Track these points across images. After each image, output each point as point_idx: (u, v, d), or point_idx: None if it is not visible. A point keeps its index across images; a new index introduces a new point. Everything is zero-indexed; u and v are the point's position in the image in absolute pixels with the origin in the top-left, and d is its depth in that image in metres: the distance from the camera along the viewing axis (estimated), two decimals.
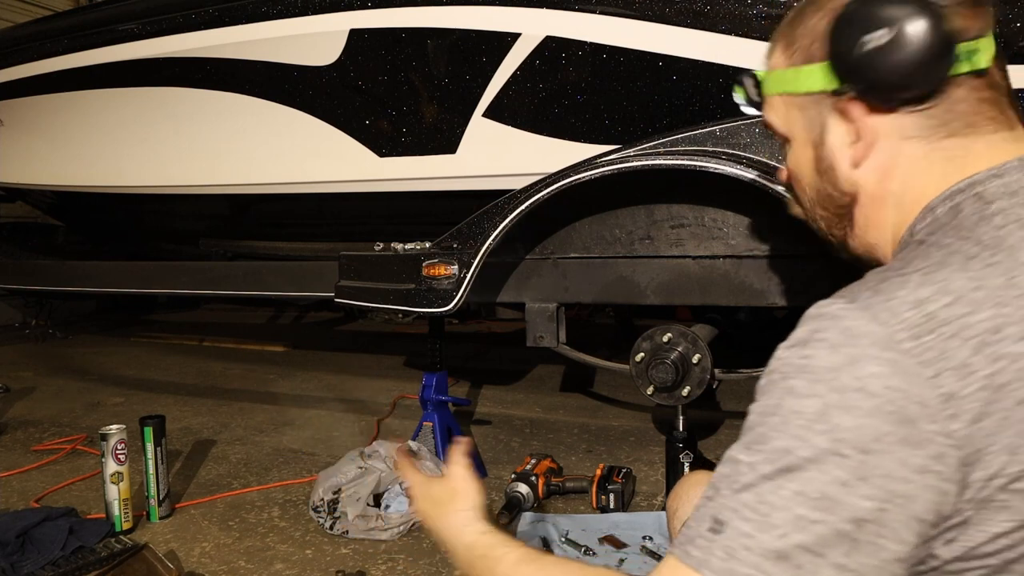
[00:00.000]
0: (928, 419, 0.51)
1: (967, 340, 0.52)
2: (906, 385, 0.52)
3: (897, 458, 0.51)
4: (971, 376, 0.51)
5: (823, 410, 0.53)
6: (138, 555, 1.47)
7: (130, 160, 2.42)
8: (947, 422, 0.51)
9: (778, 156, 1.36)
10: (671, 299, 1.67)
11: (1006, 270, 0.54)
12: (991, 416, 0.51)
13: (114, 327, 5.36)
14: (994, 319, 0.52)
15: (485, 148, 1.79)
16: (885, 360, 0.52)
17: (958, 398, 0.51)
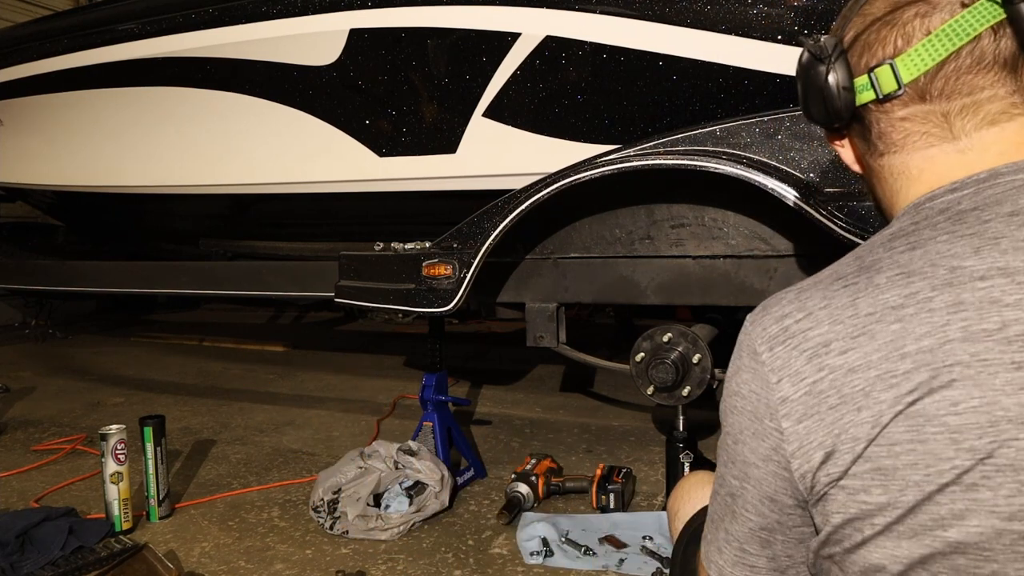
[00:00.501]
0: (769, 417, 0.61)
1: (804, 351, 0.60)
2: (760, 389, 0.62)
3: (750, 447, 0.64)
4: (801, 382, 0.60)
5: (723, 410, 0.68)
6: (138, 555, 1.47)
7: (130, 160, 2.42)
8: (781, 420, 0.61)
9: (778, 156, 1.36)
10: (671, 299, 1.67)
11: (855, 291, 0.60)
12: (810, 418, 0.59)
13: (114, 327, 5.36)
14: (826, 334, 0.60)
15: (485, 148, 1.79)
16: (749, 367, 0.64)
17: (789, 401, 0.60)
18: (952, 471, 0.54)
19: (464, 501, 1.94)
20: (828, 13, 1.37)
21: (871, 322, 0.58)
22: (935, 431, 0.55)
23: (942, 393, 0.55)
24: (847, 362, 0.58)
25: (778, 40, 1.42)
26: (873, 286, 0.60)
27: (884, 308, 0.58)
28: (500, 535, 1.73)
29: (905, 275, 0.59)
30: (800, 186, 1.32)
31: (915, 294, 0.58)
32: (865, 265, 0.62)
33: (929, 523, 0.56)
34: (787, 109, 1.39)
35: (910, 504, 0.56)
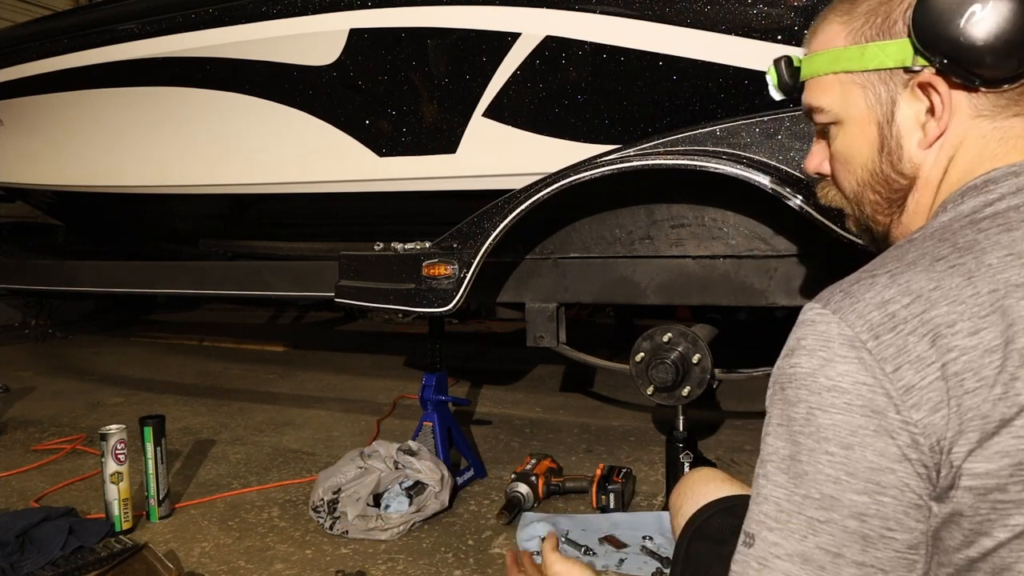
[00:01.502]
0: (894, 409, 0.54)
1: (923, 335, 0.54)
2: (872, 380, 0.55)
3: (875, 449, 0.54)
4: (927, 368, 0.54)
5: (808, 413, 0.57)
6: (138, 555, 1.47)
7: (130, 160, 2.42)
8: (910, 412, 0.54)
9: (778, 156, 1.36)
10: (671, 299, 1.67)
11: (967, 271, 0.56)
12: (946, 405, 0.53)
13: (114, 327, 5.36)
14: (948, 315, 0.54)
15: (485, 148, 1.79)
16: (852, 359, 0.56)
17: (917, 389, 0.54)
18: None
19: (464, 501, 1.94)
20: None
21: (999, 298, 0.54)
22: None
23: None
24: (981, 342, 0.53)
25: (778, 40, 1.42)
26: (986, 266, 0.56)
27: (1008, 286, 0.55)
28: (500, 535, 1.73)
29: (1016, 256, 0.56)
30: (800, 186, 1.31)
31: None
32: (963, 246, 0.58)
33: None
34: (787, 109, 1.38)
35: None
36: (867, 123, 0.73)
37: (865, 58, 0.70)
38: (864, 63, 0.71)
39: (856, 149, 0.75)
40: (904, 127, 0.70)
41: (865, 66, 0.71)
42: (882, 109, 0.71)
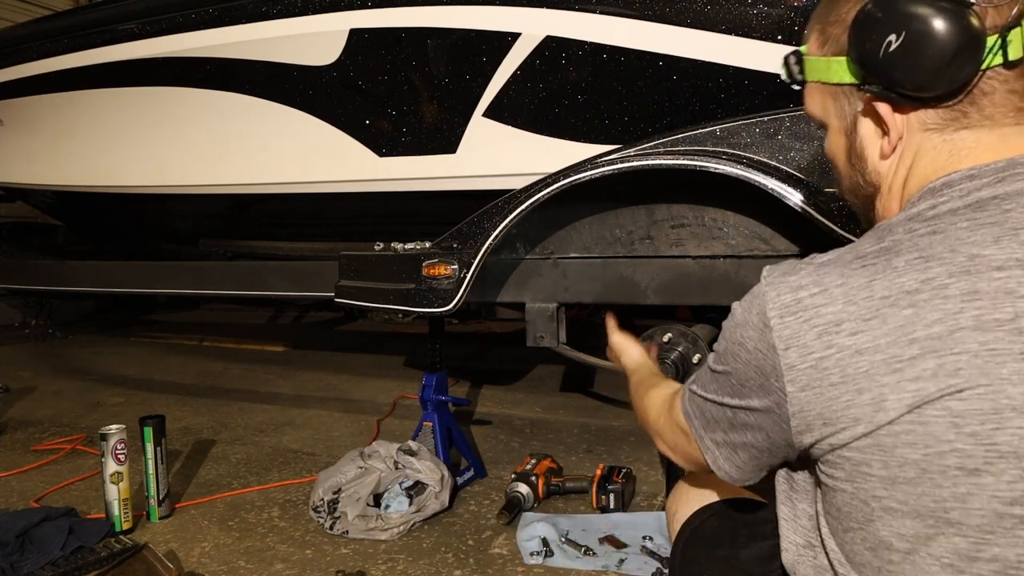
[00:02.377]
0: (775, 378, 0.64)
1: (815, 327, 0.62)
2: (767, 351, 0.65)
3: (756, 396, 0.68)
4: (808, 355, 0.62)
5: (725, 349, 0.72)
6: (138, 555, 1.47)
7: (130, 160, 2.42)
8: (785, 384, 0.63)
9: (778, 156, 1.36)
10: (671, 299, 1.67)
11: (872, 273, 0.61)
12: (812, 389, 0.62)
13: (114, 327, 5.36)
14: (839, 313, 0.61)
15: (485, 148, 1.79)
16: (759, 327, 0.65)
17: (795, 369, 0.63)
18: (954, 455, 0.56)
19: (464, 501, 1.94)
20: None
21: (884, 305, 0.59)
22: (936, 414, 0.56)
23: (947, 380, 0.56)
24: (855, 343, 0.59)
25: (778, 40, 1.42)
26: (891, 268, 0.60)
27: (899, 292, 0.59)
28: (500, 535, 1.73)
29: (924, 259, 0.59)
30: (800, 186, 1.31)
31: (932, 280, 0.58)
32: (885, 246, 0.63)
33: (931, 504, 0.58)
34: (787, 109, 1.38)
35: (911, 480, 0.58)
36: (839, 132, 0.76)
37: (830, 70, 0.72)
38: (829, 75, 0.73)
39: (835, 155, 0.78)
40: (865, 139, 0.73)
41: (830, 78, 0.73)
42: (847, 121, 0.74)
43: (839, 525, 0.66)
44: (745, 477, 0.76)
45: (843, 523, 0.65)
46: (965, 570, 0.58)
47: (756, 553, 0.91)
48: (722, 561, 0.92)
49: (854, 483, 0.62)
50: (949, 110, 0.66)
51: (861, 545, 0.63)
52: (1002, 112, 0.65)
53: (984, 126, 0.65)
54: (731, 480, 0.77)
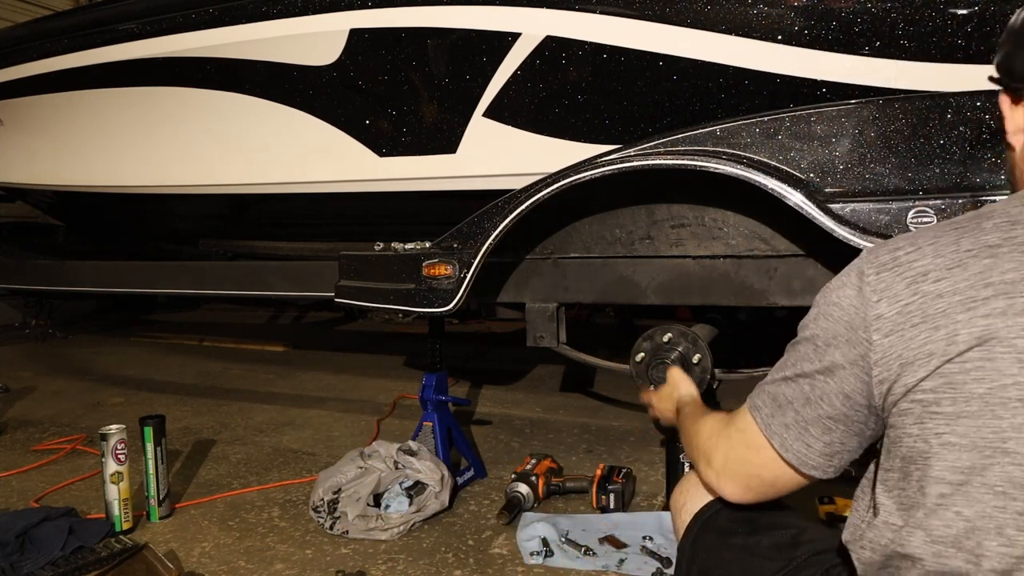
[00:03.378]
0: (863, 329, 0.70)
1: (906, 278, 0.69)
2: (860, 304, 0.71)
3: (842, 351, 0.73)
4: (896, 303, 0.68)
5: (816, 314, 0.78)
6: (138, 555, 1.47)
7: (130, 160, 2.42)
8: (872, 333, 0.69)
9: (778, 156, 1.36)
10: (671, 299, 1.67)
11: (961, 232, 0.68)
12: (896, 333, 0.68)
13: (114, 327, 5.36)
14: (927, 265, 0.68)
15: (485, 148, 1.79)
16: (855, 285, 0.73)
17: (883, 318, 0.69)
18: (1015, 387, 0.61)
19: (464, 501, 1.94)
20: (828, 13, 1.37)
21: (968, 257, 0.66)
22: (1003, 351, 0.62)
23: (1016, 319, 0.62)
24: (937, 288, 0.66)
25: (778, 40, 1.42)
26: (979, 228, 0.68)
27: (982, 246, 0.66)
28: (500, 535, 1.73)
29: (1010, 223, 0.67)
30: (800, 186, 1.31)
31: (1013, 238, 0.66)
32: (979, 214, 0.70)
33: (990, 435, 0.62)
34: (787, 109, 1.39)
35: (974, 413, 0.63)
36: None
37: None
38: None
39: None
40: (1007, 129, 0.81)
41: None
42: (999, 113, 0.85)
43: (898, 474, 0.69)
44: (814, 458, 0.79)
45: (904, 469, 0.68)
46: (1018, 497, 0.62)
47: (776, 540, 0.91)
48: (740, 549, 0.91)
49: (922, 424, 0.66)
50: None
51: (915, 486, 0.67)
52: None
53: None
54: (799, 462, 0.79)
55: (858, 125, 1.31)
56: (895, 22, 1.34)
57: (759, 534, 0.92)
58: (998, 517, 0.62)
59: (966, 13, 1.29)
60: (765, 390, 0.83)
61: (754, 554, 0.91)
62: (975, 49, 1.30)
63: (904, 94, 1.33)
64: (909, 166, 1.28)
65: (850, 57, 1.38)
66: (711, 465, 0.91)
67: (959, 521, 0.64)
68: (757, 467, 0.84)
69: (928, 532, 0.65)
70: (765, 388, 0.83)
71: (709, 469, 0.91)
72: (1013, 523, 0.61)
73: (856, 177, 1.31)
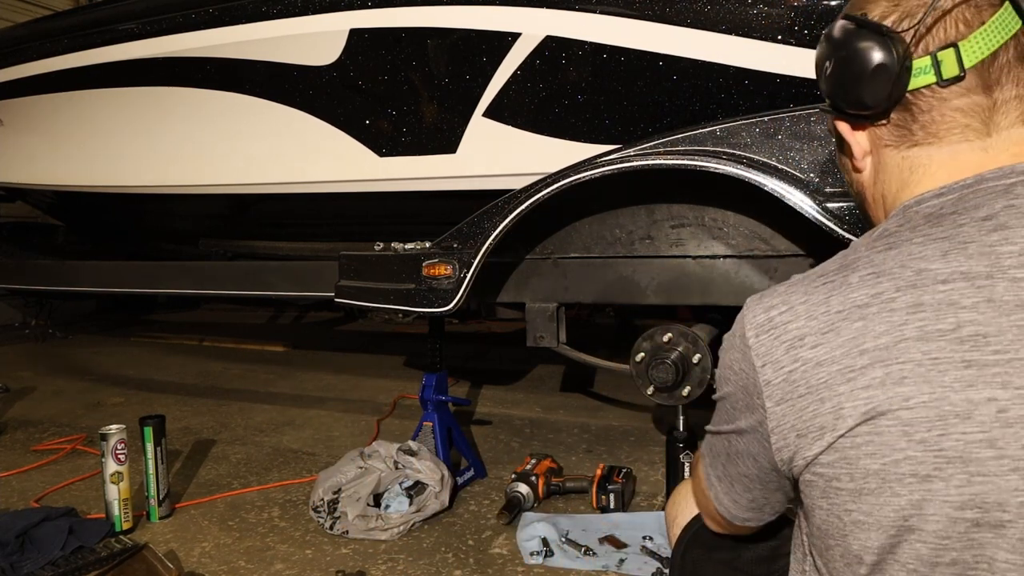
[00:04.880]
0: (757, 395, 0.67)
1: (783, 342, 0.65)
2: (748, 369, 0.68)
3: (744, 416, 0.71)
4: (780, 370, 0.65)
5: (720, 376, 0.75)
6: (138, 555, 1.47)
7: (130, 160, 2.42)
8: (765, 400, 0.66)
9: (778, 156, 1.36)
10: (671, 299, 1.67)
11: (830, 289, 0.64)
12: (786, 402, 0.65)
13: (114, 327, 5.36)
14: (802, 328, 0.64)
15: (485, 148, 1.79)
16: (740, 349, 0.69)
17: (771, 384, 0.66)
18: (907, 462, 0.59)
19: (464, 501, 1.94)
20: (828, 13, 1.37)
21: (839, 319, 0.62)
22: (888, 424, 0.59)
23: (895, 389, 0.59)
24: (815, 356, 0.63)
25: (778, 40, 1.42)
26: (846, 284, 0.64)
27: (851, 306, 0.62)
28: (500, 535, 1.73)
29: (875, 275, 0.63)
30: (800, 186, 1.31)
31: (880, 294, 0.61)
32: (846, 263, 0.66)
33: (892, 514, 0.60)
34: (787, 109, 1.39)
35: (874, 491, 0.60)
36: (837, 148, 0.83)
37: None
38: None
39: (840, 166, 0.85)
40: (844, 154, 0.78)
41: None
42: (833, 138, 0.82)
43: (821, 544, 0.68)
44: (742, 513, 0.80)
45: (824, 541, 0.67)
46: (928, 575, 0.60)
47: (757, 554, 0.92)
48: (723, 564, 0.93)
49: (828, 499, 0.64)
50: (897, 128, 0.70)
51: (840, 561, 0.66)
52: (946, 129, 0.67)
53: (931, 143, 0.68)
54: (730, 516, 0.81)
55: None
56: None
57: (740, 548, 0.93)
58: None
59: None
60: (708, 435, 0.83)
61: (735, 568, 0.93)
62: None
63: None
64: None
65: None
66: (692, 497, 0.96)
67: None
68: (711, 512, 0.86)
69: None
70: (708, 431, 0.83)
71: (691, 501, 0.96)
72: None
73: None
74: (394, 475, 1.82)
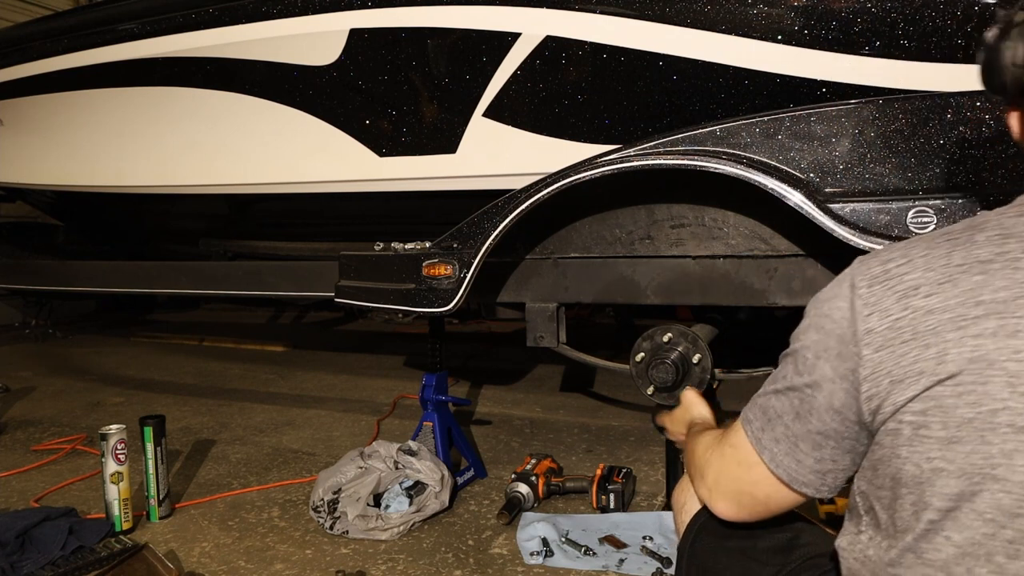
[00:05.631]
0: (854, 343, 0.69)
1: (896, 292, 0.67)
2: (851, 317, 0.70)
3: (832, 365, 0.72)
4: (887, 318, 0.67)
5: (807, 325, 0.76)
6: (138, 555, 1.47)
7: (130, 160, 2.42)
8: (863, 347, 0.68)
9: (778, 156, 1.36)
10: (671, 299, 1.67)
11: (953, 245, 0.67)
12: (886, 349, 0.66)
13: (114, 327, 5.36)
14: (918, 279, 0.67)
15: (485, 148, 1.79)
16: (846, 297, 0.71)
17: (873, 332, 0.68)
18: (1006, 412, 0.60)
19: (464, 501, 1.94)
20: (828, 13, 1.37)
21: (959, 272, 0.65)
22: (994, 374, 0.61)
23: (1007, 341, 0.61)
24: (927, 304, 0.65)
25: (778, 40, 1.42)
26: (971, 242, 0.66)
27: (974, 261, 0.65)
28: (500, 535, 1.73)
29: (1003, 236, 0.65)
30: (800, 186, 1.31)
31: (1005, 253, 0.64)
32: (973, 225, 0.69)
33: (979, 461, 0.61)
34: (787, 109, 1.39)
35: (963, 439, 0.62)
36: None
37: None
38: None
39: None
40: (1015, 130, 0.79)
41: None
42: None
43: (890, 494, 0.69)
44: (804, 474, 0.77)
45: (895, 490, 0.68)
46: (1007, 525, 0.61)
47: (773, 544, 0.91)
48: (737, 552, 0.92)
49: (911, 446, 0.65)
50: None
51: (910, 509, 0.66)
52: None
53: None
54: (789, 477, 0.78)
55: (858, 125, 1.31)
56: (895, 22, 1.34)
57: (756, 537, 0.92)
58: (988, 544, 0.61)
59: (966, 13, 1.29)
60: (757, 403, 0.82)
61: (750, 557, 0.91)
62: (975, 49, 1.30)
63: (904, 94, 1.33)
64: (909, 166, 1.28)
65: (850, 57, 1.38)
66: (704, 481, 0.90)
67: (949, 547, 0.63)
68: (749, 485, 0.83)
69: (918, 555, 0.65)
70: (757, 401, 0.82)
71: (702, 485, 0.91)
72: (1003, 551, 0.61)
73: (856, 177, 1.31)
74: (394, 475, 1.82)
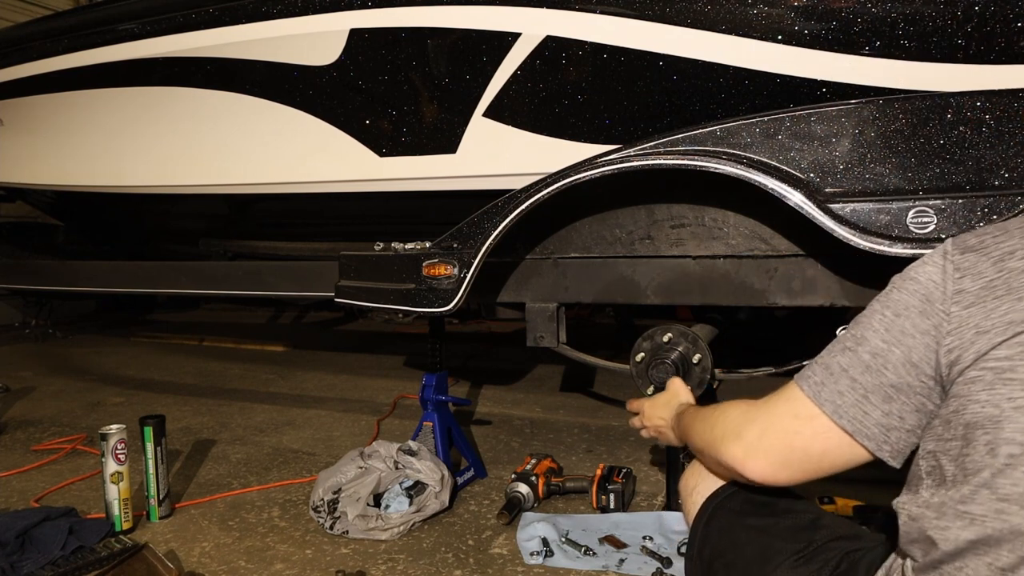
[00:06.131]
0: (941, 302, 0.74)
1: (992, 257, 0.73)
2: (942, 280, 0.74)
3: (912, 322, 0.75)
4: (980, 279, 0.72)
5: (890, 288, 0.80)
6: (138, 555, 1.47)
7: (130, 160, 2.42)
8: (952, 305, 0.73)
9: (778, 156, 1.36)
10: (671, 299, 1.67)
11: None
12: (976, 305, 0.71)
13: (114, 327, 5.36)
14: (1014, 246, 0.72)
15: (485, 148, 1.79)
16: (937, 263, 0.76)
17: (963, 292, 0.72)
18: None
19: (464, 501, 1.94)
20: (828, 13, 1.38)
21: None
22: None
23: None
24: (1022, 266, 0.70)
25: (778, 40, 1.42)
26: None
27: None
28: (500, 535, 1.73)
29: None
30: (800, 186, 1.32)
31: None
32: None
33: None
34: (787, 109, 1.39)
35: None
36: None
37: None
38: None
39: None
40: None
41: None
42: None
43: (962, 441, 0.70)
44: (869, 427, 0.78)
45: (967, 436, 0.70)
46: None
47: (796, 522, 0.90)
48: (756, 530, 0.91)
49: (992, 390, 0.68)
50: None
51: (983, 449, 0.68)
52: None
53: None
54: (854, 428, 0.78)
55: (858, 125, 1.31)
56: (895, 22, 1.34)
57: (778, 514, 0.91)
58: None
59: (966, 13, 1.30)
60: (816, 363, 0.83)
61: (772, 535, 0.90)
62: (975, 49, 1.30)
63: (904, 94, 1.33)
64: (909, 166, 1.28)
65: (850, 57, 1.38)
66: (741, 440, 0.86)
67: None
68: (806, 438, 0.81)
69: (994, 491, 0.67)
70: (816, 362, 0.83)
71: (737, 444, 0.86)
72: None
73: (856, 177, 1.31)
74: (394, 475, 1.82)
